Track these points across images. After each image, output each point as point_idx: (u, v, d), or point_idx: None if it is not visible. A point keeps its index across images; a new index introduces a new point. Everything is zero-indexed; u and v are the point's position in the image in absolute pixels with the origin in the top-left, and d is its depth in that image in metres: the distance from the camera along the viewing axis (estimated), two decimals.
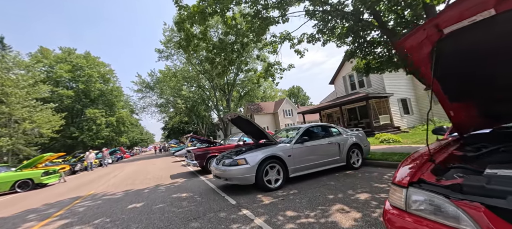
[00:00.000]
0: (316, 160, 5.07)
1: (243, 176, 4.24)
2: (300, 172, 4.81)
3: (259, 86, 8.48)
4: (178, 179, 7.16)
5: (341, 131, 5.89)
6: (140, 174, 9.90)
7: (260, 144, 5.74)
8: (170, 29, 25.77)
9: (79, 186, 8.74)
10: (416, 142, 8.74)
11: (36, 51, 30.84)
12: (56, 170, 11.08)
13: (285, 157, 4.62)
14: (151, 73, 28.89)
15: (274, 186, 4.42)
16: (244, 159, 4.31)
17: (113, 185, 7.62)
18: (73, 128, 31.81)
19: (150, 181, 7.58)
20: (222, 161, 4.62)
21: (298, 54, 8.43)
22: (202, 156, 7.43)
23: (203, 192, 4.96)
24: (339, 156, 5.45)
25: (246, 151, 4.96)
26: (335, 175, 5.23)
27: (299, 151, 4.86)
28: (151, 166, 13.72)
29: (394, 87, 16.61)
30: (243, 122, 5.28)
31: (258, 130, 5.06)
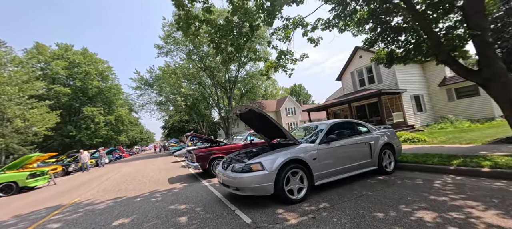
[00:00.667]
0: (345, 164, 4.14)
1: (258, 186, 3.31)
2: (327, 179, 3.89)
3: (268, 78, 7.60)
4: (177, 184, 6.24)
5: (369, 129, 4.96)
6: (136, 176, 8.99)
7: (275, 144, 4.81)
8: (170, 24, 24.82)
9: (68, 190, 7.84)
10: (443, 141, 7.81)
11: (32, 47, 29.87)
12: (45, 172, 10.17)
13: (309, 160, 3.69)
14: (150, 70, 27.97)
15: (297, 197, 3.49)
16: (260, 164, 3.38)
17: (104, 190, 6.71)
18: (70, 127, 30.92)
19: (146, 185, 6.67)
20: (231, 165, 3.69)
21: (311, 42, 7.48)
22: (204, 157, 6.51)
23: (206, 203, 4.03)
24: (370, 159, 4.52)
25: (260, 153, 4.03)
26: (367, 181, 4.31)
27: (325, 153, 3.93)
28: (149, 166, 12.82)
29: (407, 83, 15.64)
30: (254, 117, 4.35)
31: (273, 127, 4.12)
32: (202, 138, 7.99)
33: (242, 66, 26.95)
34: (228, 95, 28.47)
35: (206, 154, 6.57)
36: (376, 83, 16.60)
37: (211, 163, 6.60)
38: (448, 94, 16.05)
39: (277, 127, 3.98)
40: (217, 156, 6.66)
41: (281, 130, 3.96)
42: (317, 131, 4.43)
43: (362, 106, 17.54)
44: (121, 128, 38.08)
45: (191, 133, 7.69)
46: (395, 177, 4.42)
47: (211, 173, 6.58)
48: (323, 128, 4.34)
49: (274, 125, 3.97)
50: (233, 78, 28.54)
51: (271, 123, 3.97)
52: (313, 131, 4.63)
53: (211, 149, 6.77)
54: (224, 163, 4.14)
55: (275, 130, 4.26)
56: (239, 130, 47.74)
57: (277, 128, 4.05)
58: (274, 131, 4.42)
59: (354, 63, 18.18)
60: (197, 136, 8.08)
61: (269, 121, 3.94)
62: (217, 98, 28.76)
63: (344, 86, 19.76)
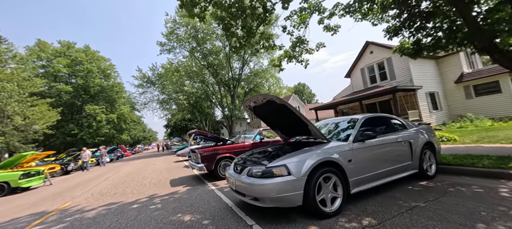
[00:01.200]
0: (384, 167, 3.40)
1: (284, 196, 2.59)
2: (364, 185, 3.15)
3: (280, 69, 6.86)
4: (180, 187, 5.56)
5: (406, 124, 4.21)
6: (136, 177, 8.35)
7: (295, 143, 4.09)
8: (172, 21, 24.22)
9: (62, 192, 7.22)
10: (476, 141, 7.00)
11: (34, 45, 29.53)
12: (40, 171, 9.59)
13: (344, 163, 2.96)
14: (153, 67, 27.40)
15: (331, 209, 2.76)
16: (284, 167, 2.66)
17: (99, 193, 6.06)
18: (72, 125, 30.57)
19: (145, 188, 6.00)
20: (247, 169, 2.97)
21: (328, 31, 6.73)
22: (210, 157, 5.82)
23: (215, 214, 3.33)
24: (411, 161, 3.77)
25: (280, 153, 3.32)
26: (409, 187, 3.56)
27: (361, 153, 3.20)
28: (150, 166, 12.20)
29: (422, 79, 14.77)
30: (272, 110, 3.63)
31: (297, 122, 3.38)
32: (206, 136, 7.29)
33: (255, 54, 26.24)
34: (232, 93, 27.81)
35: (212, 154, 5.87)
36: (389, 79, 15.74)
37: (218, 164, 5.90)
38: (465, 91, 15.12)
39: (301, 122, 3.25)
40: (224, 156, 5.96)
41: (307, 125, 3.23)
42: (348, 127, 3.70)
43: (372, 104, 16.70)
44: (123, 126, 37.66)
45: (195, 131, 6.99)
46: (441, 183, 3.67)
47: (218, 175, 5.88)
48: (355, 123, 3.60)
49: (298, 119, 3.24)
50: (236, 76, 27.89)
51: (294, 116, 3.24)
52: (340, 128, 3.89)
53: (218, 148, 6.07)
54: (236, 165, 3.42)
55: (298, 126, 3.53)
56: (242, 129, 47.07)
57: (301, 124, 3.32)
58: (295, 127, 3.69)
59: (365, 59, 17.34)
60: (201, 134, 7.38)
61: (293, 115, 3.21)
62: (220, 97, 28.11)
63: (353, 83, 18.92)
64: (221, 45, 26.38)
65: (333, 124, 4.10)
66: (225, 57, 26.33)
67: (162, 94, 28.43)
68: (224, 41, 25.90)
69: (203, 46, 24.87)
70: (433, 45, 6.57)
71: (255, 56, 28.07)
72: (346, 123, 3.88)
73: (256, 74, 29.06)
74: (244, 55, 27.16)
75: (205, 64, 25.75)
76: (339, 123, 4.02)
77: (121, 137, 38.55)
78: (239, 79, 27.82)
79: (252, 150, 4.18)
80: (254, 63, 29.60)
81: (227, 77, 27.71)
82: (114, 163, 19.84)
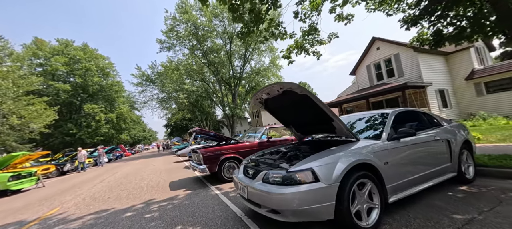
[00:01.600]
0: (421, 171, 2.86)
1: (312, 208, 2.05)
2: (403, 192, 2.61)
3: (290, 62, 6.38)
4: (180, 191, 5.02)
5: (439, 120, 3.67)
6: (134, 179, 7.82)
7: (314, 142, 3.56)
8: (172, 18, 23.69)
9: (52, 195, 6.69)
10: (502, 140, 6.45)
11: (31, 43, 29.00)
12: (32, 173, 9.07)
13: (381, 166, 2.42)
14: (152, 66, 26.86)
15: (368, 223, 2.23)
16: (311, 171, 2.12)
17: (92, 197, 5.53)
18: (71, 125, 30.05)
19: (142, 192, 5.47)
20: (263, 173, 2.42)
21: (340, 21, 6.18)
22: (213, 158, 5.28)
23: (222, 226, 2.80)
24: (450, 162, 3.23)
25: (299, 155, 2.80)
26: (448, 194, 3.03)
27: (397, 154, 2.66)
28: (149, 167, 11.67)
29: (432, 76, 14.22)
30: (287, 104, 3.09)
31: (320, 117, 2.83)
32: (209, 134, 6.74)
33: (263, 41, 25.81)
34: (233, 92, 27.29)
35: (216, 155, 5.33)
36: (396, 76, 15.19)
37: (222, 166, 5.37)
38: (476, 88, 14.55)
39: (325, 117, 2.70)
40: (228, 156, 5.43)
41: (332, 120, 2.68)
42: (376, 123, 3.16)
43: (379, 102, 16.14)
44: (123, 126, 37.14)
45: (196, 129, 6.44)
46: (486, 188, 3.13)
47: (222, 177, 5.35)
48: (386, 118, 3.06)
49: (321, 113, 2.69)
50: (237, 74, 27.37)
51: (316, 110, 2.69)
52: (366, 124, 3.35)
53: (221, 148, 5.53)
54: (247, 169, 2.88)
55: (319, 121, 2.99)
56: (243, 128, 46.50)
57: (324, 119, 2.77)
58: (315, 123, 3.15)
59: (371, 56, 16.78)
60: (203, 133, 6.84)
61: (315, 108, 2.66)
62: (221, 96, 27.59)
63: (358, 80, 18.37)
64: (221, 43, 25.86)
65: (357, 120, 3.55)
66: (226, 55, 25.81)
67: (162, 93, 27.92)
68: (225, 39, 25.38)
69: (204, 43, 24.35)
70: (455, 35, 6.02)
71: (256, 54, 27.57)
72: (373, 119, 3.34)
73: (257, 73, 28.54)
74: (245, 53, 26.66)
75: (205, 62, 25.23)
76: (364, 119, 3.48)
77: (121, 136, 38.04)
78: (240, 78, 27.30)
79: (263, 151, 3.64)
80: (255, 61, 29.09)
81: (228, 75, 27.18)
82: (112, 164, 19.32)
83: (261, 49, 27.58)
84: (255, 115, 38.56)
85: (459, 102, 15.40)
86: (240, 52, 26.92)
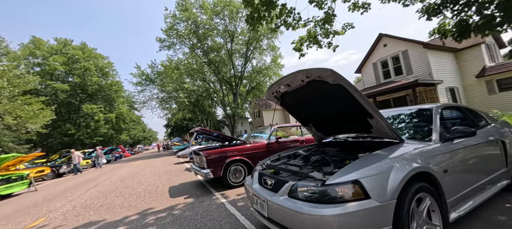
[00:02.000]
0: (478, 179, 2.32)
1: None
2: (462, 208, 2.07)
3: (302, 55, 5.89)
4: (181, 198, 4.49)
5: (487, 118, 3.13)
6: (131, 183, 7.29)
7: (338, 143, 3.02)
8: (172, 15, 23.16)
9: (42, 201, 6.16)
10: None
11: (28, 42, 28.49)
12: (24, 176, 8.55)
13: (440, 175, 1.88)
14: (152, 65, 26.33)
15: None
16: (358, 184, 1.57)
17: (82, 205, 5.00)
18: (69, 125, 29.54)
19: (139, 198, 4.94)
20: (289, 185, 1.86)
21: (355, 9, 5.64)
22: (217, 161, 4.74)
23: None
24: (505, 168, 2.69)
25: (330, 160, 2.25)
26: (506, 206, 2.48)
27: (454, 158, 2.12)
28: (149, 168, 11.14)
29: (442, 74, 13.66)
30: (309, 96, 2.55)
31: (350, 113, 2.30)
32: (212, 135, 6.19)
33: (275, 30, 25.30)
34: (234, 91, 26.77)
35: (220, 157, 4.79)
36: (405, 74, 14.62)
37: (227, 169, 4.83)
38: (488, 86, 13.99)
39: (363, 112, 2.15)
40: (234, 159, 4.89)
41: (371, 116, 2.14)
42: (418, 121, 2.63)
43: (386, 101, 15.59)
44: (122, 126, 36.64)
45: (199, 129, 5.89)
46: None
47: (228, 183, 4.81)
48: (430, 115, 2.52)
49: (356, 107, 2.14)
50: (239, 73, 26.83)
51: (350, 103, 2.15)
52: (405, 122, 2.81)
53: (226, 149, 4.99)
54: (263, 177, 2.33)
55: (351, 118, 2.44)
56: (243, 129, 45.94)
57: (360, 114, 2.23)
58: (345, 121, 2.60)
59: (377, 53, 16.22)
60: (206, 133, 6.28)
61: (350, 101, 2.11)
62: (222, 95, 27.06)
63: (364, 79, 17.81)
64: (222, 41, 25.33)
65: (389, 117, 3.01)
66: (226, 54, 25.29)
67: (162, 92, 27.41)
68: (225, 38, 24.85)
69: (204, 42, 23.83)
70: (483, 25, 5.47)
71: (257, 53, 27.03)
72: (410, 116, 2.81)
73: (258, 72, 28.02)
74: (246, 52, 26.12)
75: (206, 61, 24.71)
76: (398, 116, 2.94)
77: (120, 137, 37.55)
78: (242, 77, 26.75)
79: (278, 154, 3.10)
80: (256, 60, 28.57)
81: (229, 74, 26.67)
82: (111, 165, 18.80)
83: (262, 47, 27.10)
84: (256, 115, 38.04)
85: (470, 100, 14.83)
86: (241, 51, 26.41)
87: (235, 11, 23.25)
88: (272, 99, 2.99)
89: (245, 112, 35.15)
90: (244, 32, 24.96)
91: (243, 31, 24.97)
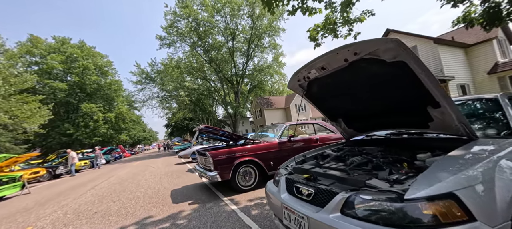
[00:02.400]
0: None
1: None
2: None
3: (317, 45, 5.42)
4: (185, 204, 3.99)
5: None
6: (129, 185, 6.79)
7: (376, 141, 2.53)
8: (173, 13, 22.65)
9: (32, 206, 5.67)
10: None
11: (26, 40, 27.98)
12: (16, 178, 8.05)
13: None
14: (152, 63, 25.83)
15: None
16: (454, 199, 1.07)
17: (75, 211, 4.50)
18: (68, 125, 29.03)
19: (137, 204, 4.44)
20: (341, 198, 1.36)
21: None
22: (226, 162, 4.24)
23: None
24: None
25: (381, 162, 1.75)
26: None
27: None
28: (149, 169, 10.66)
29: (453, 70, 13.18)
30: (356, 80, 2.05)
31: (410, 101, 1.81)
32: (218, 133, 5.66)
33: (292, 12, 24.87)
34: (236, 90, 26.29)
35: (229, 158, 4.29)
36: None
37: (236, 171, 4.33)
38: (500, 83, 13.50)
39: (427, 101, 1.65)
40: (244, 160, 4.39)
41: (438, 105, 1.64)
42: (478, 113, 2.13)
43: None
44: (122, 126, 36.13)
45: (204, 126, 5.34)
46: None
47: (237, 186, 4.32)
48: (496, 104, 2.02)
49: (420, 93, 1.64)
50: (240, 71, 26.33)
51: (413, 88, 1.65)
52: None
53: (235, 150, 4.48)
54: (295, 184, 1.83)
55: (402, 109, 1.95)
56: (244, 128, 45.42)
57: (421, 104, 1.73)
58: (393, 112, 2.10)
59: None
60: (210, 131, 5.73)
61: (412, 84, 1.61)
62: (223, 94, 26.57)
63: None
64: (223, 39, 24.84)
65: None
66: (228, 52, 24.80)
67: (162, 91, 26.93)
68: (227, 35, 24.35)
69: (205, 40, 23.32)
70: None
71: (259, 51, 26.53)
72: (471, 107, 2.32)
73: (260, 70, 27.53)
74: (248, 50, 25.61)
75: (207, 60, 24.22)
76: None
77: (120, 137, 37.06)
78: (243, 75, 26.24)
79: (304, 154, 2.60)
80: (258, 58, 28.09)
81: (231, 73, 26.18)
82: (110, 165, 18.31)
83: (264, 45, 26.61)
84: (258, 114, 37.54)
85: None
86: (242, 49, 25.92)
87: (236, 9, 22.74)
88: (295, 89, 2.49)
89: (247, 111, 34.68)
90: (245, 30, 24.48)
91: (245, 29, 24.48)
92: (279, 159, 4.67)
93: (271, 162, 4.58)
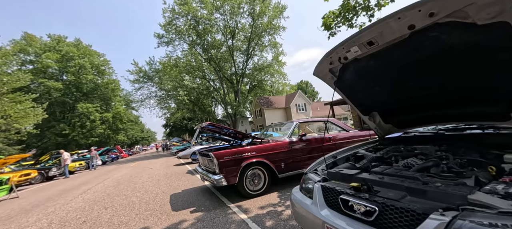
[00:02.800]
0: None
1: None
2: None
3: (332, 34, 5.10)
4: (186, 213, 3.51)
5: None
6: (125, 189, 6.29)
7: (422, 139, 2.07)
8: (171, 10, 22.12)
9: (15, 214, 5.15)
10: None
11: (20, 38, 27.28)
12: (3, 181, 7.52)
13: None
14: (150, 62, 25.28)
15: None
16: None
17: (62, 221, 4.00)
18: (64, 125, 28.35)
19: (133, 211, 3.95)
20: (440, 221, 0.90)
21: None
22: (232, 164, 3.76)
23: None
24: None
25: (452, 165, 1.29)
26: None
27: None
28: (146, 171, 10.13)
29: None
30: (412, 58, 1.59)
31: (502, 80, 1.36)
32: (222, 131, 5.16)
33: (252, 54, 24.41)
34: (235, 89, 25.82)
35: (235, 159, 3.81)
36: None
37: (244, 174, 3.85)
38: None
39: None
40: (252, 161, 3.91)
41: None
42: None
43: None
44: (119, 126, 35.47)
45: (207, 124, 4.81)
46: None
47: (245, 191, 3.84)
48: None
49: (506, 73, 1.20)
50: (240, 70, 25.87)
51: (498, 65, 1.21)
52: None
53: (242, 150, 4.00)
54: (339, 195, 1.36)
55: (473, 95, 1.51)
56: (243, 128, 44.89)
57: (504, 89, 1.29)
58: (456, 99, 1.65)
59: None
60: (215, 128, 5.19)
61: (496, 62, 1.17)
62: (223, 93, 26.07)
63: None
64: (223, 38, 24.36)
65: None
66: (227, 51, 24.32)
67: (160, 91, 26.37)
68: (226, 34, 23.88)
69: (204, 38, 22.83)
70: None
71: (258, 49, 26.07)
72: None
73: (260, 69, 27.08)
74: (248, 48, 25.15)
75: (206, 58, 23.74)
76: None
77: (117, 137, 36.39)
78: (243, 74, 25.77)
79: (333, 155, 2.13)
80: (258, 56, 27.64)
81: (230, 72, 25.71)
82: (107, 167, 17.73)
83: (264, 44, 26.17)
84: (258, 114, 37.10)
85: None
86: (242, 48, 25.46)
87: (236, 6, 22.27)
88: (323, 75, 2.03)
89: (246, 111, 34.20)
90: (245, 28, 24.03)
91: (244, 27, 24.03)
92: (290, 160, 4.22)
93: (282, 164, 4.12)
